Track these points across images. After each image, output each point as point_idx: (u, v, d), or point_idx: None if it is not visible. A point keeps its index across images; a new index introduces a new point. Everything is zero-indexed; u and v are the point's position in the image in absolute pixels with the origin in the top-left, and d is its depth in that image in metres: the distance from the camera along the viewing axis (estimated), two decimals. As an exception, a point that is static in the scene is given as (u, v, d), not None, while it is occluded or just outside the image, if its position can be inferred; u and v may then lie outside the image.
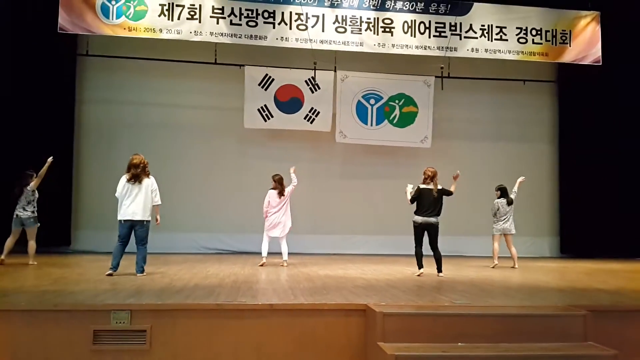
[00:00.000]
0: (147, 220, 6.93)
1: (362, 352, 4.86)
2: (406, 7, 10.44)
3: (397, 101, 11.62)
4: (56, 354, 4.60)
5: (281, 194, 8.69)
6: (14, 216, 8.13)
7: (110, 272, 6.84)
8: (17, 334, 4.59)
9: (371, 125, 11.59)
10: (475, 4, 10.59)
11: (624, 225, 11.70)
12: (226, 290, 5.71)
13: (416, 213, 7.72)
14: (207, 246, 11.27)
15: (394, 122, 11.61)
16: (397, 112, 11.64)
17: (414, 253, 7.72)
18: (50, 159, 8.11)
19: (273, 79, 11.21)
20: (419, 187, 7.81)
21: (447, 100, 11.69)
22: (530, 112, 12.48)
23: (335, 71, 11.24)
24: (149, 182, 6.98)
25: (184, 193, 11.27)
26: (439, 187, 7.75)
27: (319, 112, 11.30)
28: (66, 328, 4.62)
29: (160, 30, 9.83)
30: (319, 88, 11.29)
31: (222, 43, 10.20)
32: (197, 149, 11.59)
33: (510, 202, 9.20)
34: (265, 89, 11.19)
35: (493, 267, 8.92)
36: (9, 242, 8.16)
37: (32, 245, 8.19)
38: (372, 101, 11.61)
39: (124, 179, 6.99)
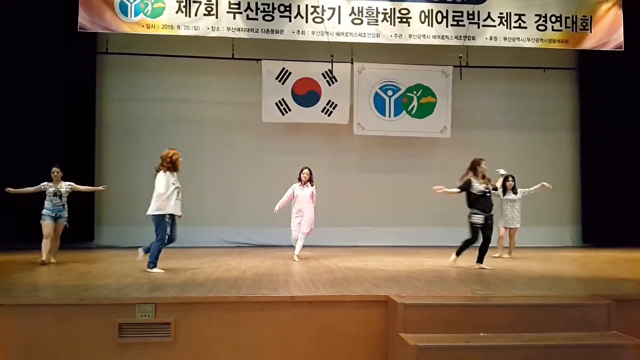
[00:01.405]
0: (152, 215, 6.76)
1: (384, 343, 4.89)
2: (423, -4, 10.34)
3: (415, 92, 11.55)
4: (83, 347, 4.71)
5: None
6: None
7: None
8: (45, 327, 4.71)
9: (389, 116, 11.54)
10: (493, -8, 10.44)
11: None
12: (248, 283, 5.78)
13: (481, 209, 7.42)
14: (228, 240, 11.38)
15: (412, 113, 11.55)
16: (415, 102, 11.56)
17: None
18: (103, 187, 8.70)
19: (290, 73, 11.22)
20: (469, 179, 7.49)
21: (466, 89, 11.57)
22: (551, 100, 12.29)
23: (352, 63, 11.20)
24: (157, 176, 6.87)
25: (205, 188, 11.39)
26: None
27: (336, 105, 11.29)
28: (92, 321, 4.73)
29: (178, 27, 9.91)
30: (336, 80, 11.27)
31: (239, 38, 10.25)
32: (216, 143, 11.69)
33: (515, 192, 9.13)
34: (283, 83, 11.21)
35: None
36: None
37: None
38: (390, 92, 11.56)
39: None
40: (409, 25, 10.30)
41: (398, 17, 10.29)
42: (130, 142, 11.45)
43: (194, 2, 9.89)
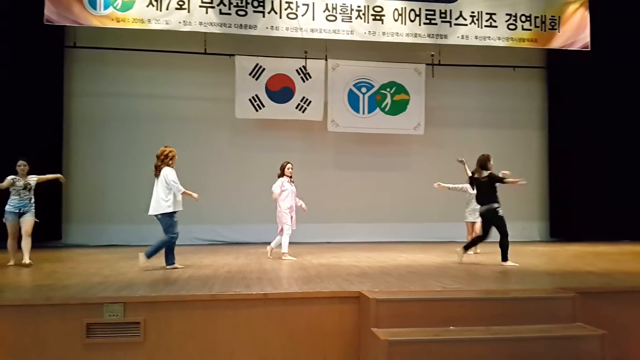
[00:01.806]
0: (161, 214, 6.76)
1: (356, 339, 4.93)
2: (396, -6, 10.42)
3: (388, 89, 11.62)
4: (49, 348, 4.61)
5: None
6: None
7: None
8: (10, 328, 4.60)
9: (363, 113, 11.59)
10: (465, -9, 10.58)
11: (612, 209, 11.83)
12: (220, 281, 5.73)
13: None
14: (201, 237, 11.26)
15: (386, 110, 11.62)
16: (388, 100, 11.64)
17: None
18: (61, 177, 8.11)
19: (264, 69, 11.16)
20: (472, 177, 7.74)
21: (439, 87, 11.71)
22: (521, 98, 12.52)
23: (326, 60, 11.21)
24: (164, 174, 6.80)
25: (176, 185, 11.24)
26: (485, 173, 7.55)
27: (310, 102, 11.28)
28: (59, 322, 4.63)
29: (149, 21, 9.75)
30: (310, 77, 11.26)
31: (212, 33, 10.14)
32: (188, 140, 11.51)
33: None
34: (256, 79, 11.14)
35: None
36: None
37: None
38: (364, 90, 11.61)
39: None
40: (382, 23, 10.36)
41: (372, 15, 10.35)
42: (100, 138, 11.22)
43: (165, -5, 9.75)
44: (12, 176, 7.39)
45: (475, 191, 8.77)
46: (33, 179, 7.59)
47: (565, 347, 4.38)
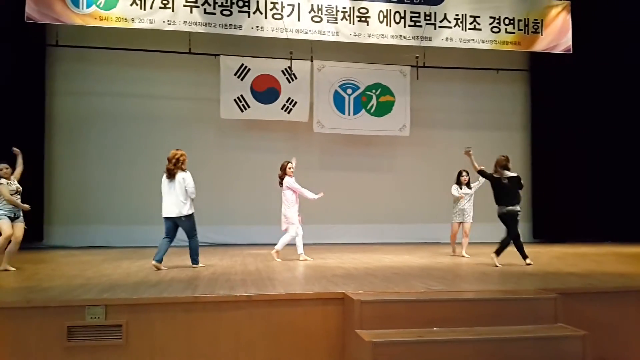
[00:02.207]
0: (185, 216, 6.98)
1: (340, 340, 4.92)
2: (381, -4, 10.46)
3: (373, 90, 11.66)
4: (29, 351, 4.53)
5: (280, 183, 8.16)
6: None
7: (154, 263, 6.91)
8: (-11, 331, 4.51)
9: (349, 114, 11.61)
10: (449, -6, 10.65)
11: (594, 210, 12.01)
12: (204, 283, 5.69)
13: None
14: (185, 239, 11.09)
15: (372, 111, 11.66)
16: (374, 101, 11.68)
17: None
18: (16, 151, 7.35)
19: (249, 69, 11.13)
20: (492, 176, 7.69)
21: (423, 89, 11.78)
22: (504, 100, 12.66)
23: (311, 61, 11.21)
24: (182, 179, 6.96)
25: (160, 185, 11.13)
26: (509, 174, 7.54)
27: (296, 102, 11.27)
28: (39, 325, 4.56)
29: (133, 20, 9.65)
30: (296, 78, 11.25)
31: (197, 32, 10.08)
32: (173, 140, 11.37)
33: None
34: (242, 79, 11.10)
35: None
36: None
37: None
38: (349, 91, 11.63)
39: (164, 175, 7.09)
40: (367, 25, 10.39)
41: (357, 16, 10.37)
42: (82, 138, 11.10)
43: (149, -6, 9.67)
44: (5, 181, 6.97)
45: (471, 190, 8.81)
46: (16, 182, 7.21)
47: (547, 348, 4.42)
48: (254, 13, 10.02)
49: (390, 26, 10.42)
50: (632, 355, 5.28)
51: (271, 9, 10.09)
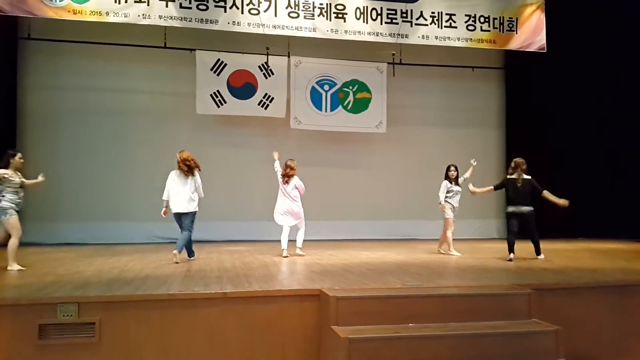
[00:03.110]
0: (191, 212, 7.55)
1: (317, 337, 4.93)
2: (358, -7, 10.47)
3: (350, 87, 11.67)
4: (0, 350, 4.43)
5: (286, 181, 8.22)
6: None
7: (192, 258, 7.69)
8: (-44, 331, 4.39)
9: (326, 111, 11.61)
10: (426, -9, 10.70)
11: (568, 208, 12.18)
12: (179, 280, 5.64)
13: (507, 203, 8.19)
14: (161, 235, 11.01)
15: (348, 107, 11.68)
16: (351, 98, 11.70)
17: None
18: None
19: (226, 64, 11.04)
20: (505, 177, 8.18)
21: (400, 86, 11.82)
22: (480, 98, 12.80)
23: (288, 57, 11.15)
24: (197, 176, 7.65)
25: (135, 181, 11.02)
26: (525, 177, 8.06)
27: (273, 98, 11.22)
28: (10, 323, 4.48)
29: (107, 14, 9.45)
30: (273, 73, 11.20)
31: (173, 27, 9.94)
32: (148, 135, 11.30)
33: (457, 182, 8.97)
34: (218, 74, 11.00)
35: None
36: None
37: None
38: (326, 87, 11.62)
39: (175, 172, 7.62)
40: (344, 21, 10.37)
41: (334, 13, 10.35)
42: (55, 133, 10.87)
43: (124, -12, 9.49)
44: (9, 171, 6.69)
45: (458, 187, 8.77)
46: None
47: (521, 343, 4.49)
48: (230, 8, 9.91)
49: (367, 23, 10.43)
50: (605, 351, 5.39)
51: (247, 4, 9.99)
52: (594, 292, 5.51)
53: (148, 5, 9.57)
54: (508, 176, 8.18)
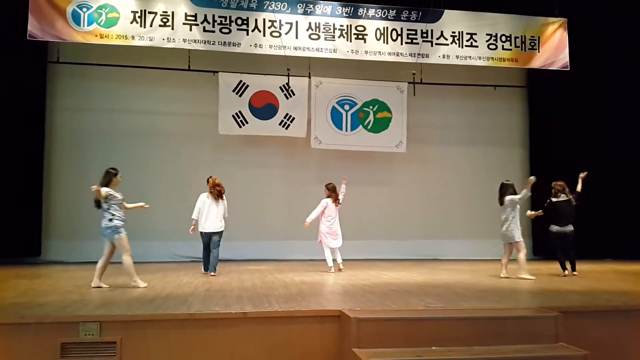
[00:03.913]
0: (221, 231, 8.36)
1: (337, 359, 4.85)
2: (378, 14, 10.55)
3: (371, 107, 11.69)
4: (22, 369, 4.47)
5: (336, 202, 9.00)
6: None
7: (213, 274, 8.12)
8: (-19, 348, 4.45)
9: (346, 130, 11.63)
10: (446, 11, 10.72)
11: (594, 227, 11.92)
12: (199, 299, 5.64)
13: (553, 223, 8.68)
14: (182, 254, 11.12)
15: (369, 127, 11.68)
16: (371, 117, 11.71)
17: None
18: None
19: (247, 85, 11.18)
20: (551, 200, 8.75)
21: (420, 105, 11.80)
22: (502, 117, 12.69)
23: (309, 77, 11.25)
24: (225, 199, 8.46)
25: (159, 201, 11.08)
26: (564, 197, 8.72)
27: (294, 118, 11.30)
28: (32, 341, 4.51)
29: (133, 37, 9.71)
30: (294, 94, 11.30)
31: (196, 50, 10.14)
32: (171, 156, 11.47)
33: (501, 203, 8.56)
34: (240, 95, 11.15)
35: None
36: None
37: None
38: (347, 107, 11.66)
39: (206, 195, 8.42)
40: (365, 42, 10.46)
41: (354, 34, 10.45)
42: (82, 154, 11.10)
43: (149, 12, 9.74)
44: (111, 190, 6.75)
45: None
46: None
47: (547, 367, 4.36)
48: (253, 31, 10.09)
49: (387, 43, 10.49)
50: (634, 375, 5.20)
51: (269, 27, 10.16)
52: (623, 315, 5.33)
53: (172, 29, 9.80)
54: (554, 199, 8.77)
